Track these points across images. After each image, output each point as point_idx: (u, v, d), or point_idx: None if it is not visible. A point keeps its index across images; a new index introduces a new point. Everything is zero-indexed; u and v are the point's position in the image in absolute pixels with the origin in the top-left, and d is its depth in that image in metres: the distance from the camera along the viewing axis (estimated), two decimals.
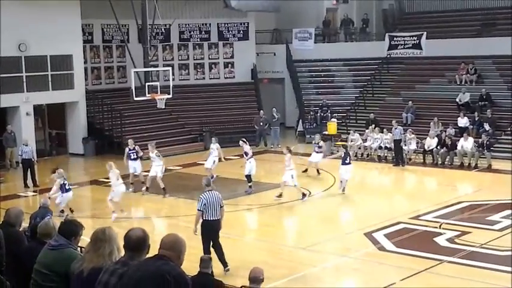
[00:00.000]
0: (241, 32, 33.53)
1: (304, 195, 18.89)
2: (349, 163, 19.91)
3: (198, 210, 12.61)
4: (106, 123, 28.73)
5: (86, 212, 18.04)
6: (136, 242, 4.96)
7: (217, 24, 33.13)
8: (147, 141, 27.53)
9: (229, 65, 33.65)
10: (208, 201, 12.52)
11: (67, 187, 17.52)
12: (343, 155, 20.04)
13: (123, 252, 5.07)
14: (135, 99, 25.43)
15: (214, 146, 21.68)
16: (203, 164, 22.34)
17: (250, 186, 20.00)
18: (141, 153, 20.62)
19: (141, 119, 29.08)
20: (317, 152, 22.22)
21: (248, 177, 20.08)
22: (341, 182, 19.83)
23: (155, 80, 27.18)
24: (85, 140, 27.98)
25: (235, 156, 23.70)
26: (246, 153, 20.23)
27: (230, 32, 33.45)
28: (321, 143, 22.49)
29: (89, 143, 27.87)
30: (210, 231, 12.57)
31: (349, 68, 33.30)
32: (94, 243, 5.29)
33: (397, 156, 24.22)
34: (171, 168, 23.39)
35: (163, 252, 4.82)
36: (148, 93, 25.43)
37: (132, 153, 20.55)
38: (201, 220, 12.67)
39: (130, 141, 21.15)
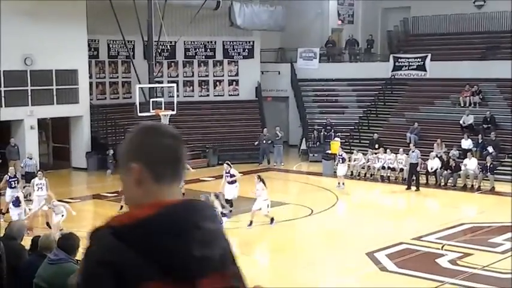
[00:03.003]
0: (246, 50, 33.65)
1: (272, 220, 18.16)
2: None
3: None
4: (110, 138, 28.77)
5: (87, 226, 17.96)
6: None
7: (223, 42, 33.26)
8: None
9: (234, 83, 33.74)
10: None
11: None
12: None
13: None
14: (139, 114, 25.49)
15: None
16: (206, 181, 22.19)
17: (230, 211, 19.16)
18: (21, 183, 18.63)
19: None
20: None
21: (230, 201, 19.25)
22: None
23: (160, 96, 27.28)
24: (88, 155, 28.02)
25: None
26: (232, 175, 19.40)
27: (235, 50, 33.56)
28: None
29: (92, 157, 27.90)
30: None
31: (354, 88, 33.33)
32: None
33: (410, 179, 23.71)
34: None
35: None
36: (153, 109, 25.51)
37: (13, 181, 18.27)
38: None
39: (11, 170, 18.90)
